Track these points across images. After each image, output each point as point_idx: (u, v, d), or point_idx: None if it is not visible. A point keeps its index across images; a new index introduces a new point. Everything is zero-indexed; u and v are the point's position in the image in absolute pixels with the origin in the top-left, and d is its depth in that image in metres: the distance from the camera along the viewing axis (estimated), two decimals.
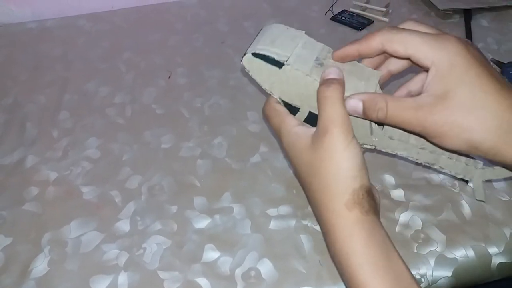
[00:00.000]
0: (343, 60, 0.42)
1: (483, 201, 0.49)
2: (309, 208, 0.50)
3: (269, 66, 0.40)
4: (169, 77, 0.71)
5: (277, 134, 0.44)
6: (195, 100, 0.66)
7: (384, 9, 0.82)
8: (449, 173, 0.43)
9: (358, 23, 0.80)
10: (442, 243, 0.46)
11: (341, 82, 0.38)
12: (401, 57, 0.38)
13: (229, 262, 0.46)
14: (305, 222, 0.49)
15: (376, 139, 0.42)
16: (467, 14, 0.80)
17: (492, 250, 0.46)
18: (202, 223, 0.49)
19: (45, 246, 0.48)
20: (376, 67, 0.44)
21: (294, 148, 0.41)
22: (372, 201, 0.37)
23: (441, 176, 0.53)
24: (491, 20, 0.80)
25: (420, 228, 0.48)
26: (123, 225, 0.49)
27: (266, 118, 0.45)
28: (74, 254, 0.47)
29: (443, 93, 0.34)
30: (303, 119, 0.44)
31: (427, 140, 0.38)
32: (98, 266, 0.46)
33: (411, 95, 0.44)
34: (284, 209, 0.51)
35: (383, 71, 0.44)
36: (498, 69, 0.67)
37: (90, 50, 0.77)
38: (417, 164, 0.45)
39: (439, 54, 0.35)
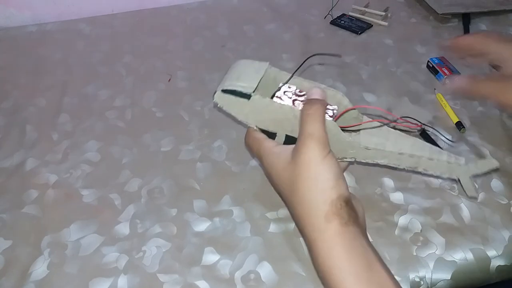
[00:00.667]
0: (456, 48, 0.49)
1: (475, 198, 0.49)
2: None
3: (238, 99, 0.42)
4: (169, 80, 0.71)
5: (258, 159, 0.45)
6: (195, 104, 0.66)
7: (383, 13, 0.83)
8: (435, 175, 0.43)
9: (357, 27, 0.80)
10: (441, 246, 0.46)
11: (323, 103, 0.40)
12: (487, 53, 0.47)
13: (228, 265, 0.46)
14: None
15: (354, 151, 0.42)
16: (466, 18, 0.81)
17: (491, 253, 0.46)
18: (202, 226, 0.49)
19: (45, 249, 0.48)
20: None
21: (274, 166, 0.41)
22: (351, 212, 0.37)
23: (440, 179, 0.53)
24: (489, 24, 0.80)
25: (419, 231, 0.48)
26: (123, 228, 0.49)
27: (247, 147, 0.47)
28: (74, 257, 0.47)
29: None
30: (282, 143, 0.45)
31: None
32: (97, 269, 0.46)
33: None
34: (283, 212, 0.51)
35: None
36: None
37: (90, 54, 0.77)
38: (400, 170, 0.45)
39: None
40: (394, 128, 0.44)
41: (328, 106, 0.43)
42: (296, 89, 0.44)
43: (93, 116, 0.64)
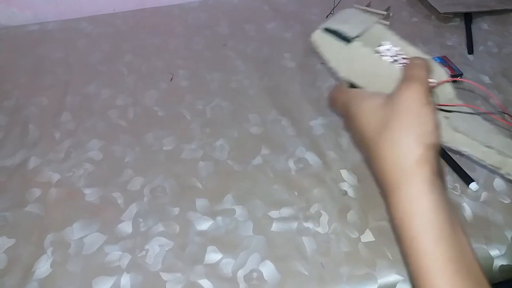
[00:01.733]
0: None
1: None
2: (311, 210, 0.50)
3: (338, 41, 0.40)
4: (171, 79, 0.71)
5: (344, 109, 0.42)
6: (196, 103, 0.66)
7: (385, 13, 0.82)
8: None
9: None
10: None
11: (428, 68, 0.38)
12: None
13: (231, 264, 0.46)
14: (307, 224, 0.49)
15: (441, 130, 0.40)
16: (468, 18, 0.81)
17: (494, 252, 0.46)
18: (204, 225, 0.49)
19: (48, 247, 0.48)
20: None
21: (365, 108, 0.38)
22: (440, 167, 0.35)
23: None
24: (491, 23, 0.80)
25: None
26: (126, 227, 0.49)
27: (331, 101, 0.44)
28: (77, 256, 0.47)
29: None
30: None
31: None
32: (100, 268, 0.46)
33: None
34: (286, 211, 0.51)
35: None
36: None
37: (92, 53, 0.77)
38: (482, 166, 0.43)
39: None
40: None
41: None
42: (399, 51, 0.41)
43: (95, 115, 0.64)
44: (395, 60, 0.40)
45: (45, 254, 0.47)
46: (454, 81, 0.40)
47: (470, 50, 0.74)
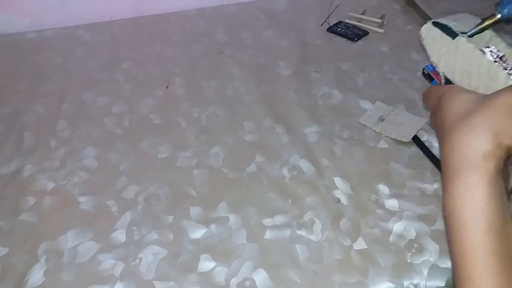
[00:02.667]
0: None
1: None
2: (304, 217, 0.51)
3: (444, 36, 0.42)
4: (167, 87, 0.71)
5: (436, 101, 0.42)
6: (192, 110, 0.67)
7: (380, 20, 0.83)
8: None
9: (354, 34, 0.81)
10: (435, 252, 0.47)
11: None
12: None
13: (224, 272, 0.46)
14: (300, 232, 0.49)
15: None
16: None
17: None
18: (198, 233, 0.50)
19: (42, 256, 0.48)
20: None
21: (458, 98, 0.39)
22: (505, 171, 0.36)
23: (435, 185, 0.54)
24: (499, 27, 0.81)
25: (414, 238, 0.48)
26: (119, 235, 0.50)
27: (426, 93, 0.45)
28: (70, 264, 0.47)
29: None
30: None
31: None
32: (94, 276, 0.46)
33: None
34: (279, 218, 0.51)
35: None
36: None
37: (89, 60, 0.78)
38: None
39: None
40: None
41: None
42: (503, 55, 0.41)
43: (91, 123, 0.65)
44: (498, 61, 0.41)
45: (39, 263, 0.47)
46: None
47: None
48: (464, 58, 0.41)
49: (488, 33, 0.43)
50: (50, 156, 0.60)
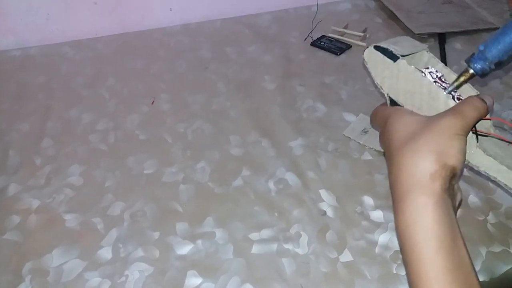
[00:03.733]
0: None
1: None
2: (291, 231, 0.51)
3: (385, 59, 0.43)
4: (152, 103, 0.72)
5: (382, 122, 0.44)
6: (178, 125, 0.67)
7: (362, 34, 0.85)
8: None
9: (337, 48, 0.82)
10: None
11: (488, 112, 0.40)
12: None
13: None
14: (286, 246, 0.50)
15: (472, 151, 0.42)
16: (442, 38, 0.83)
17: None
18: (185, 249, 0.50)
19: (26, 275, 0.47)
20: None
21: (402, 120, 0.41)
22: (451, 188, 0.38)
23: None
24: (463, 43, 0.83)
25: (399, 249, 0.49)
26: (105, 253, 0.49)
27: (374, 113, 0.47)
28: (56, 283, 0.47)
29: None
30: None
31: None
32: None
33: None
34: (266, 232, 0.51)
35: None
36: None
37: (73, 77, 0.78)
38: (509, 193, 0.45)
39: None
40: None
41: None
42: (442, 76, 0.44)
43: (76, 140, 0.65)
44: (437, 81, 0.43)
45: (24, 283, 0.46)
46: (491, 119, 0.42)
47: None
48: (406, 79, 0.42)
49: (426, 54, 0.45)
50: (35, 174, 0.59)
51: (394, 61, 0.42)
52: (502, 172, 0.40)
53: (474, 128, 0.40)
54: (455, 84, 0.42)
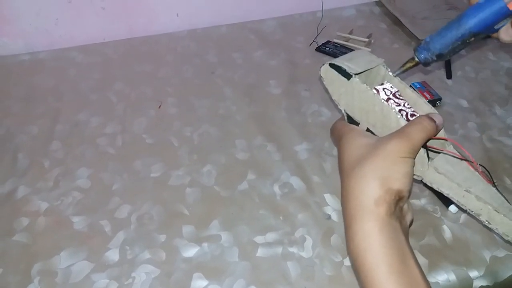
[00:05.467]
0: None
1: None
2: (296, 234, 0.51)
3: (340, 77, 0.43)
4: (159, 107, 0.72)
5: (337, 140, 0.45)
6: (184, 129, 0.68)
7: (367, 39, 0.85)
8: (496, 231, 0.41)
9: (342, 53, 0.82)
10: (424, 267, 0.48)
11: (438, 130, 0.41)
12: None
13: None
14: (291, 249, 0.50)
15: (423, 169, 0.42)
16: None
17: (473, 274, 0.47)
18: (191, 251, 0.50)
19: (35, 276, 0.48)
20: None
21: (353, 142, 0.42)
22: (399, 211, 0.38)
23: (423, 201, 0.55)
24: (468, 49, 0.83)
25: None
26: (113, 255, 0.50)
27: (331, 130, 0.47)
28: (64, 284, 0.47)
29: None
30: None
31: None
32: None
33: None
34: (271, 236, 0.52)
35: None
36: None
37: (82, 81, 0.79)
38: (463, 211, 0.45)
39: None
40: None
41: None
42: (396, 92, 0.44)
43: (84, 143, 0.66)
44: (391, 98, 0.43)
45: (32, 283, 0.47)
46: (446, 140, 0.43)
47: (449, 75, 0.76)
48: (360, 97, 0.43)
49: (383, 69, 0.46)
50: (43, 177, 0.60)
51: (348, 79, 0.43)
52: (454, 189, 0.41)
53: (426, 146, 0.41)
54: (402, 69, 0.44)
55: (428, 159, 0.42)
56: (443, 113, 0.67)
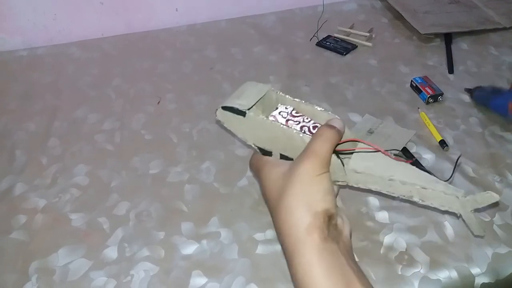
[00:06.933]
0: None
1: (481, 236, 0.46)
2: None
3: (236, 116, 0.44)
4: (158, 103, 0.72)
5: (257, 173, 0.45)
6: (183, 126, 0.67)
7: (368, 34, 0.85)
8: (432, 206, 0.42)
9: (342, 48, 0.82)
10: (426, 264, 0.47)
11: (341, 134, 0.41)
12: None
13: None
14: None
15: (343, 173, 0.43)
16: (448, 38, 0.83)
17: (475, 270, 0.47)
18: (189, 248, 0.50)
19: (33, 274, 0.48)
20: None
21: (269, 176, 0.42)
22: (333, 229, 0.38)
23: None
24: (470, 43, 0.83)
25: (405, 250, 0.49)
26: (111, 252, 0.50)
27: (250, 166, 0.48)
28: (62, 282, 0.47)
29: None
30: None
31: None
32: None
33: None
34: (271, 233, 0.51)
35: None
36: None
37: (80, 78, 0.78)
38: (396, 198, 0.46)
39: None
40: None
41: None
42: (292, 110, 0.44)
43: (82, 140, 0.65)
44: (290, 119, 0.43)
45: (30, 282, 0.47)
46: (356, 141, 0.43)
47: (451, 70, 0.76)
48: (262, 128, 0.43)
49: (273, 94, 0.46)
50: (41, 174, 0.60)
51: (244, 116, 0.43)
52: (379, 182, 0.41)
53: (335, 153, 0.41)
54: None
55: (343, 164, 0.42)
56: (444, 108, 0.67)
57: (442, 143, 0.61)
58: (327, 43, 0.83)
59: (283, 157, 0.44)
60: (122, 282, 0.47)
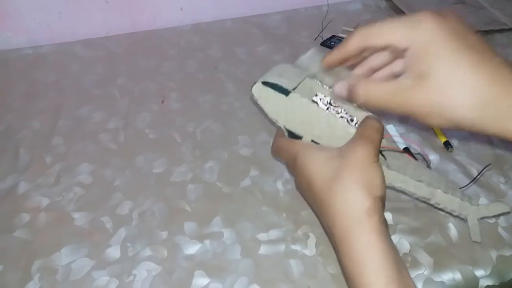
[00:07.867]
0: (331, 66, 0.42)
1: (478, 242, 0.47)
2: (299, 232, 0.51)
3: (276, 94, 0.42)
4: (162, 102, 0.72)
5: (290, 159, 0.44)
6: (187, 125, 0.67)
7: None
8: (445, 210, 0.44)
9: None
10: (429, 266, 0.47)
11: (382, 129, 0.41)
12: (381, 48, 0.37)
13: None
14: (294, 247, 0.49)
15: (387, 168, 0.43)
16: None
17: (479, 273, 0.46)
18: (192, 248, 0.50)
19: (35, 273, 0.48)
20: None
21: (314, 160, 0.41)
22: (384, 218, 0.38)
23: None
24: None
25: (408, 251, 0.48)
26: (114, 252, 0.50)
27: (275, 152, 0.47)
28: (64, 282, 0.47)
29: (420, 73, 0.33)
30: None
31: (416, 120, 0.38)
32: None
33: (395, 76, 0.38)
34: (274, 233, 0.51)
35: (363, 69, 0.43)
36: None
37: (84, 76, 0.78)
38: (415, 199, 0.47)
39: (413, 34, 0.35)
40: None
41: None
42: (330, 99, 0.44)
43: (86, 139, 0.65)
44: (330, 107, 0.43)
45: (32, 281, 0.47)
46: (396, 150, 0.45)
47: None
48: (301, 111, 0.42)
49: (308, 81, 0.45)
50: (45, 173, 0.60)
51: (286, 95, 0.42)
52: (406, 182, 0.43)
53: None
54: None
55: (385, 158, 0.43)
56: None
57: (447, 144, 0.60)
58: (332, 43, 0.83)
59: (313, 143, 0.44)
60: (125, 282, 0.47)
